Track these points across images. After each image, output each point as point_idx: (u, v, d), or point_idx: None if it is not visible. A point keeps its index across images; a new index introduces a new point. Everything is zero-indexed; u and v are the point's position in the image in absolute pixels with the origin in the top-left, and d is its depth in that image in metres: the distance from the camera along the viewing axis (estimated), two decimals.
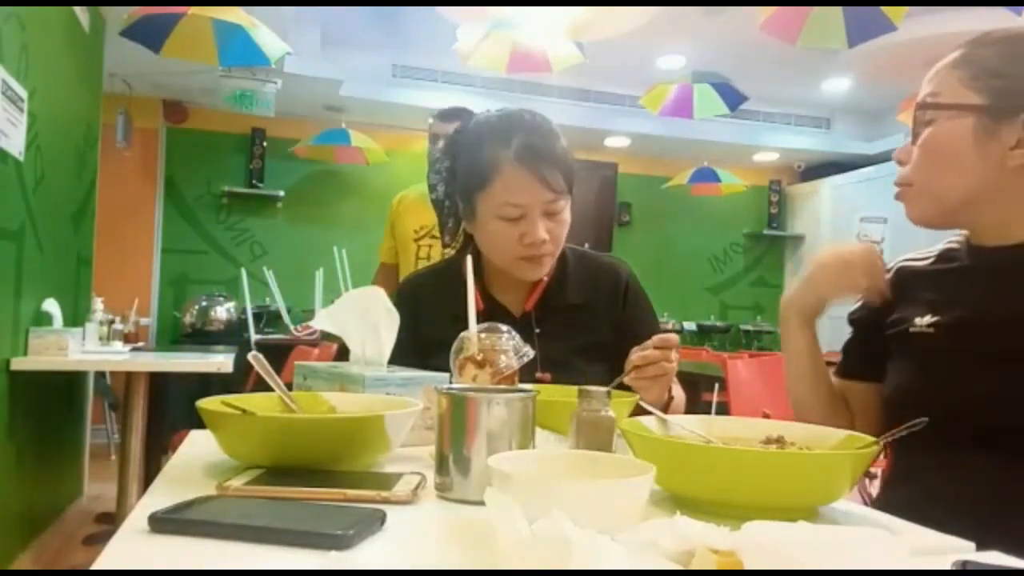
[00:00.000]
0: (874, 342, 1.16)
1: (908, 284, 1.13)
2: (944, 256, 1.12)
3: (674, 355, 1.18)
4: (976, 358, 0.98)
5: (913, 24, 3.44)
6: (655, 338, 1.18)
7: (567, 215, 1.39)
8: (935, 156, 1.01)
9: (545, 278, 1.44)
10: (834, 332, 1.33)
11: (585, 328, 1.43)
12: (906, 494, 0.96)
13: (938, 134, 1.01)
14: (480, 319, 1.06)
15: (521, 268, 1.38)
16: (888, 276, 1.17)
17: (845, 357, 1.24)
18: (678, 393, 1.35)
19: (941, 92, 1.01)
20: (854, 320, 1.23)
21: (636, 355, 1.17)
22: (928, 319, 1.05)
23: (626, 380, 1.19)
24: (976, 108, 0.98)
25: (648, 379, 1.18)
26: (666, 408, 1.29)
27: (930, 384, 0.83)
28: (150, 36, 3.47)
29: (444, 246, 1.55)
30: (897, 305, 1.13)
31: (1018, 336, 0.95)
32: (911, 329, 1.06)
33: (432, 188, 1.49)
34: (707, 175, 6.34)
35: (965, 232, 1.10)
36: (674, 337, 1.20)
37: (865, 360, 1.19)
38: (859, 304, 1.21)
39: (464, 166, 1.40)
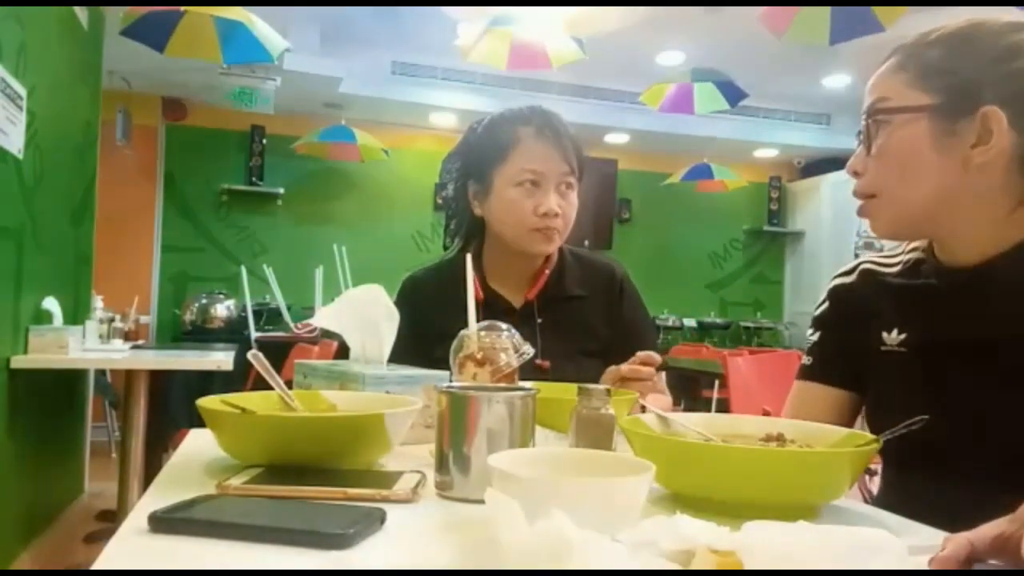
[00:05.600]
0: (845, 347, 1.12)
1: (874, 291, 1.09)
2: (911, 269, 1.07)
3: (657, 379, 1.27)
4: (950, 382, 0.95)
5: (914, 21, 3.42)
6: (642, 355, 1.24)
7: (575, 199, 1.46)
8: (895, 164, 0.96)
9: (547, 271, 1.49)
10: None
11: (583, 320, 1.49)
12: (901, 500, 0.96)
13: (895, 140, 0.96)
14: (480, 309, 1.07)
15: (533, 240, 1.43)
16: (852, 278, 1.13)
17: (815, 359, 1.17)
18: (661, 401, 1.39)
19: (890, 96, 0.96)
20: (822, 320, 1.17)
21: (627, 368, 1.23)
22: (896, 335, 1.02)
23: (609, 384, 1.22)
24: (929, 108, 0.93)
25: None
26: None
27: (909, 410, 0.80)
28: (153, 35, 3.47)
29: (445, 247, 1.59)
30: (864, 309, 1.09)
31: (986, 360, 0.93)
32: (882, 347, 1.04)
33: (442, 187, 1.57)
34: (703, 171, 6.33)
35: (928, 240, 1.05)
36: (658, 357, 1.26)
37: (838, 364, 1.14)
38: (824, 304, 1.17)
39: (480, 147, 1.47)
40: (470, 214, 1.50)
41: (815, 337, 1.18)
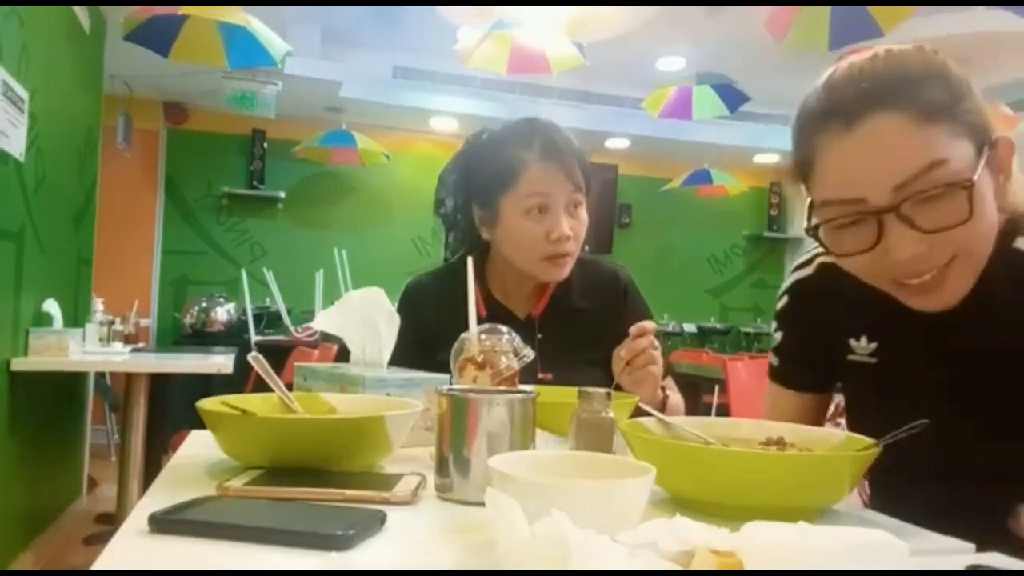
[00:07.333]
0: (807, 349, 1.10)
1: (836, 289, 1.02)
2: None
3: (656, 342, 1.20)
4: (922, 395, 0.95)
5: (915, 25, 3.43)
6: (632, 328, 1.19)
7: (585, 215, 1.42)
8: (978, 220, 0.83)
9: (551, 284, 1.46)
10: None
11: (587, 331, 1.44)
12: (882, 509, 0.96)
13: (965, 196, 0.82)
14: (482, 323, 1.06)
15: (545, 269, 1.39)
16: (811, 271, 1.10)
17: (790, 365, 1.14)
18: (675, 397, 1.36)
19: (946, 157, 0.81)
20: (782, 318, 1.14)
21: (622, 350, 1.19)
22: (865, 344, 1.01)
23: (622, 380, 1.19)
24: (980, 149, 0.84)
25: (641, 373, 1.19)
26: (662, 409, 1.29)
27: (884, 417, 0.80)
28: (157, 40, 3.47)
29: (445, 260, 1.57)
30: (826, 309, 1.06)
31: (953, 376, 0.93)
32: (850, 356, 1.02)
33: (440, 203, 1.51)
34: (703, 177, 6.33)
35: None
36: (650, 324, 1.20)
37: (801, 369, 1.13)
38: (783, 299, 1.13)
39: (484, 171, 1.41)
40: (474, 234, 1.46)
41: (778, 336, 1.15)
